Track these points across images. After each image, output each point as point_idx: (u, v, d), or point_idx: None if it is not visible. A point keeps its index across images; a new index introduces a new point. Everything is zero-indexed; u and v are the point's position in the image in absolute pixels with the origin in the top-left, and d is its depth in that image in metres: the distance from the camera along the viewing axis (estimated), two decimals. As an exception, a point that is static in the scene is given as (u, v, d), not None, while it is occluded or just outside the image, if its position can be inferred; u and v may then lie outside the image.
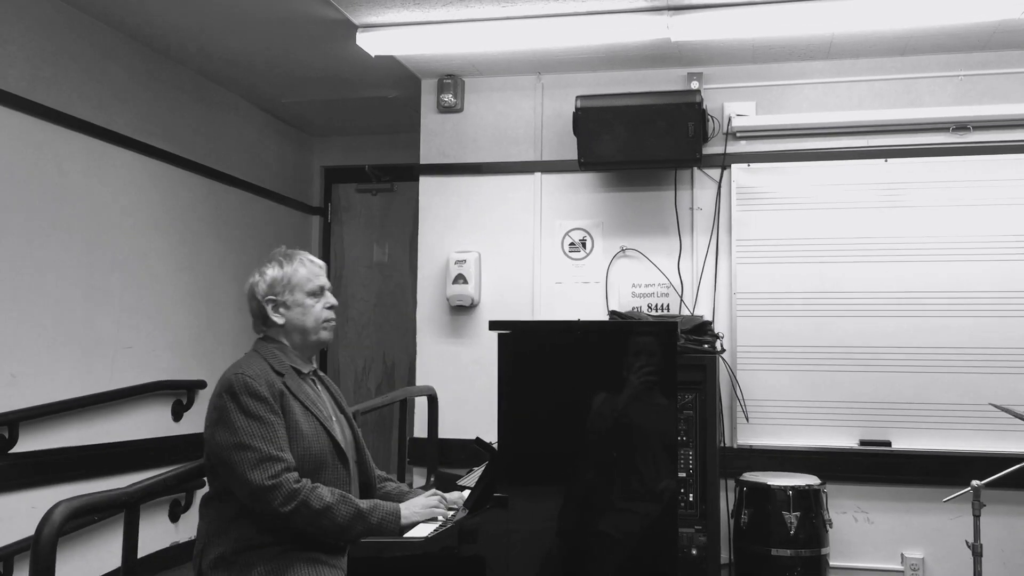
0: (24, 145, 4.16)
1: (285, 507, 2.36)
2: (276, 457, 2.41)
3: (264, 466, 2.38)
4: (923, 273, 4.44)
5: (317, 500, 2.40)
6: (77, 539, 4.35)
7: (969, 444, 4.32)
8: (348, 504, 2.44)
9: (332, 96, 5.82)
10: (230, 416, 2.44)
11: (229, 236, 5.72)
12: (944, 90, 4.57)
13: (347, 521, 2.42)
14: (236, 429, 2.42)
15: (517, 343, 2.32)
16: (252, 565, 2.41)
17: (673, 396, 2.36)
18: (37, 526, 2.04)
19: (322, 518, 2.39)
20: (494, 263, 4.97)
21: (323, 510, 2.39)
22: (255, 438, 2.41)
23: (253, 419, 2.43)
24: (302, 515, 2.38)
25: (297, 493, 2.38)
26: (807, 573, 4.06)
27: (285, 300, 2.64)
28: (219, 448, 2.43)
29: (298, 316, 2.64)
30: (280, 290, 2.64)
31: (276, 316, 2.64)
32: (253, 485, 2.37)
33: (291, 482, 2.39)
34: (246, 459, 2.39)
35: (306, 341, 2.67)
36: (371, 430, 6.58)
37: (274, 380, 2.52)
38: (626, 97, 4.58)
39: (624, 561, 2.27)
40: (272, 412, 2.46)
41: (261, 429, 2.43)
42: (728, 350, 4.56)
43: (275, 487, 2.37)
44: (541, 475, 2.32)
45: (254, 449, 2.40)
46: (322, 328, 2.68)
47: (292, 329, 2.65)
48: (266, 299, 2.65)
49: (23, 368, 4.12)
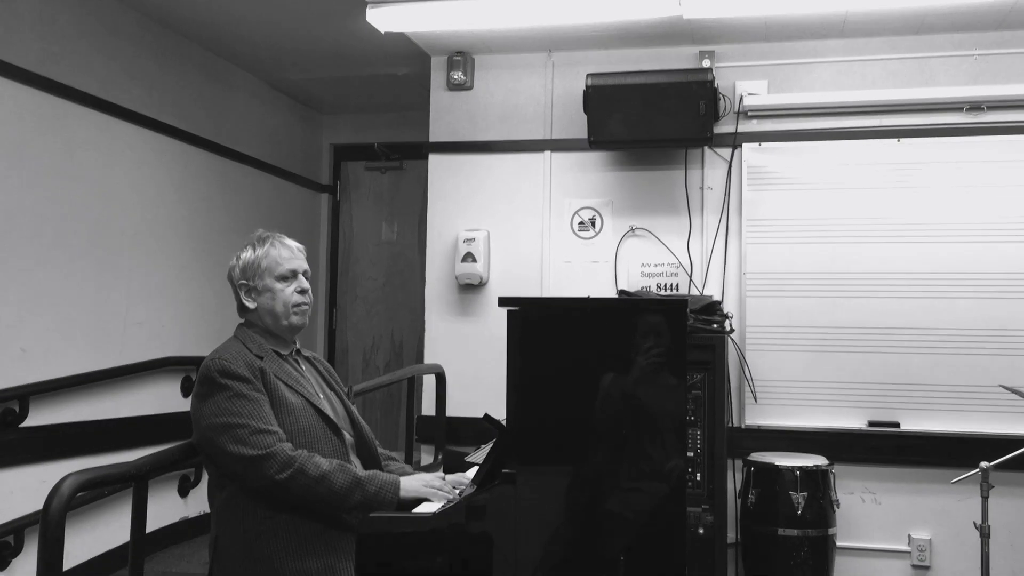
0: (34, 119, 4.15)
1: (281, 474, 2.34)
2: (266, 430, 2.39)
3: (255, 439, 2.36)
4: (934, 254, 4.41)
5: (314, 468, 2.36)
6: (86, 514, 4.38)
7: (978, 426, 4.30)
8: (345, 472, 2.40)
9: (341, 73, 5.80)
10: (213, 400, 2.43)
11: (238, 213, 5.71)
12: (958, 69, 4.52)
13: (344, 489, 2.37)
14: (221, 411, 2.40)
15: (526, 320, 2.31)
16: (264, 547, 2.40)
17: (682, 376, 2.34)
18: (46, 498, 2.05)
19: (319, 486, 2.35)
20: (503, 242, 4.96)
21: (320, 477, 2.35)
22: (241, 416, 2.39)
23: (237, 398, 2.41)
24: (298, 483, 2.34)
25: (293, 460, 2.35)
26: (814, 553, 4.06)
27: (255, 285, 2.61)
28: (208, 432, 2.42)
29: (267, 301, 2.60)
30: (251, 274, 2.62)
31: (248, 301, 2.63)
32: (246, 458, 2.35)
33: (286, 451, 2.37)
34: (236, 436, 2.37)
35: (278, 325, 2.62)
36: (379, 408, 6.60)
37: (253, 360, 2.50)
38: (637, 75, 4.55)
39: (632, 540, 2.27)
40: (255, 390, 2.45)
41: (246, 406, 2.41)
42: (737, 330, 4.55)
43: (269, 455, 2.34)
44: (550, 453, 2.31)
45: (243, 426, 2.38)
46: (292, 313, 2.62)
47: (263, 313, 2.61)
48: (239, 283, 2.63)
49: (33, 343, 4.13)
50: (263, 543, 2.41)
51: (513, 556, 2.25)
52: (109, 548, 4.51)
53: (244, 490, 2.43)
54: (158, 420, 4.88)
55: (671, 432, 2.32)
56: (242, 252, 2.66)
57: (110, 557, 4.51)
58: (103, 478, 2.32)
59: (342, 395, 2.80)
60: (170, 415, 4.97)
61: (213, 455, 2.45)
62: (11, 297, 4.02)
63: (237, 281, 2.64)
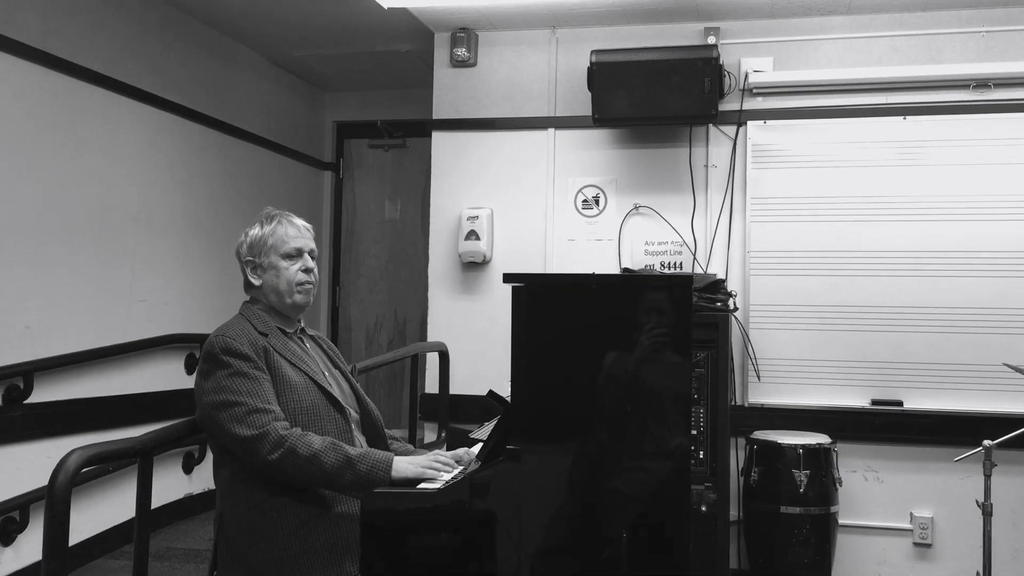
0: (37, 95, 4.14)
1: (272, 455, 2.34)
2: (263, 409, 2.39)
3: (250, 419, 2.36)
4: (939, 232, 4.40)
5: (305, 447, 2.35)
6: (92, 490, 4.40)
7: (982, 404, 4.31)
8: (337, 451, 2.38)
9: (344, 50, 5.77)
10: (214, 377, 2.43)
11: (241, 190, 5.71)
12: (965, 46, 4.49)
13: (335, 469, 2.36)
14: (221, 388, 2.41)
15: (531, 296, 2.30)
16: (267, 525, 2.41)
17: (687, 353, 2.33)
18: (52, 473, 2.05)
19: (309, 465, 2.34)
20: (506, 220, 4.95)
21: (310, 457, 2.34)
22: (240, 394, 2.40)
23: (237, 376, 2.42)
24: (290, 462, 2.34)
25: (284, 440, 2.35)
26: (816, 531, 4.08)
27: (261, 262, 2.62)
28: (208, 409, 2.43)
29: (272, 279, 2.61)
30: (257, 251, 2.63)
31: (253, 278, 2.64)
32: (240, 438, 2.36)
33: (278, 430, 2.36)
34: (233, 415, 2.38)
35: (282, 303, 2.63)
36: (382, 386, 6.61)
37: (257, 339, 2.51)
38: (641, 52, 4.53)
39: (635, 518, 2.27)
40: (256, 368, 2.45)
41: (246, 384, 2.42)
42: (741, 309, 4.54)
43: (262, 436, 2.34)
44: (554, 430, 2.31)
45: (240, 404, 2.38)
46: (296, 292, 2.62)
47: (268, 291, 2.62)
48: (245, 260, 2.64)
49: (37, 320, 4.14)
50: (267, 521, 2.42)
51: (517, 533, 2.25)
52: (114, 524, 4.54)
53: (246, 469, 2.44)
54: (162, 397, 4.90)
55: (675, 410, 2.31)
56: (250, 229, 2.67)
57: (115, 533, 4.54)
58: (108, 453, 2.32)
59: (347, 373, 2.80)
60: (174, 392, 4.98)
61: (213, 432, 2.46)
62: (15, 274, 4.03)
63: (244, 257, 2.65)
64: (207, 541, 4.64)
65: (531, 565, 2.25)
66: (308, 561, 2.39)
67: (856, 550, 4.42)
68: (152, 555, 3.13)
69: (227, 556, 2.48)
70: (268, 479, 2.41)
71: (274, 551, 2.40)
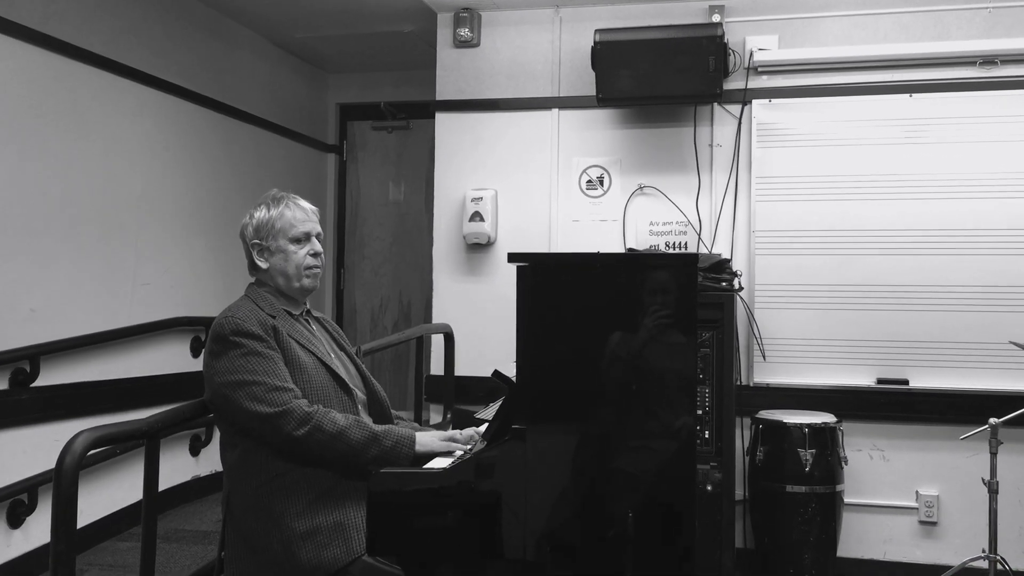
0: (39, 78, 4.13)
1: (299, 430, 2.36)
2: (282, 387, 2.41)
3: (272, 396, 2.38)
4: (946, 211, 4.38)
5: (330, 424, 2.39)
6: (99, 473, 4.42)
7: (987, 382, 4.30)
8: (362, 428, 2.43)
9: (347, 31, 5.74)
10: (227, 358, 2.43)
11: (244, 173, 5.70)
12: (972, 23, 4.46)
13: (361, 444, 2.41)
14: (236, 369, 2.41)
15: (536, 275, 2.30)
16: (275, 504, 2.42)
17: (692, 333, 2.33)
18: (59, 455, 2.05)
19: (336, 441, 2.39)
20: (511, 201, 4.93)
21: (337, 433, 2.39)
22: (256, 373, 2.41)
23: (251, 355, 2.42)
24: (316, 439, 2.37)
25: (310, 417, 2.38)
26: (821, 510, 4.09)
27: (269, 245, 2.62)
28: (223, 389, 2.43)
29: (280, 262, 2.61)
30: (264, 234, 2.62)
31: (260, 261, 2.63)
32: (263, 416, 2.37)
33: (303, 406, 2.40)
34: (251, 394, 2.38)
35: (289, 287, 2.63)
36: (388, 368, 6.62)
37: (265, 319, 2.51)
38: (646, 31, 4.50)
39: (641, 497, 2.28)
40: (269, 347, 2.46)
41: (261, 364, 2.42)
42: (746, 288, 4.54)
43: (286, 412, 2.37)
44: (559, 409, 2.31)
45: (258, 384, 2.39)
46: (304, 276, 2.63)
47: (276, 274, 2.62)
48: (252, 243, 2.63)
49: (42, 303, 4.14)
50: (275, 500, 2.43)
51: (522, 512, 2.26)
52: (122, 506, 4.56)
53: (260, 447, 2.44)
54: (168, 380, 4.91)
55: (680, 390, 2.31)
56: (256, 211, 2.66)
57: (123, 515, 4.56)
58: (115, 435, 2.32)
59: (352, 355, 2.81)
60: (180, 375, 5.00)
61: (228, 412, 2.46)
62: (20, 257, 4.03)
63: (250, 240, 2.64)
64: (215, 523, 4.66)
65: (537, 544, 2.26)
66: (316, 540, 2.40)
67: (862, 528, 4.42)
68: (160, 537, 3.14)
69: (235, 536, 2.50)
70: (280, 457, 2.43)
71: (282, 530, 2.41)
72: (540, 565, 2.26)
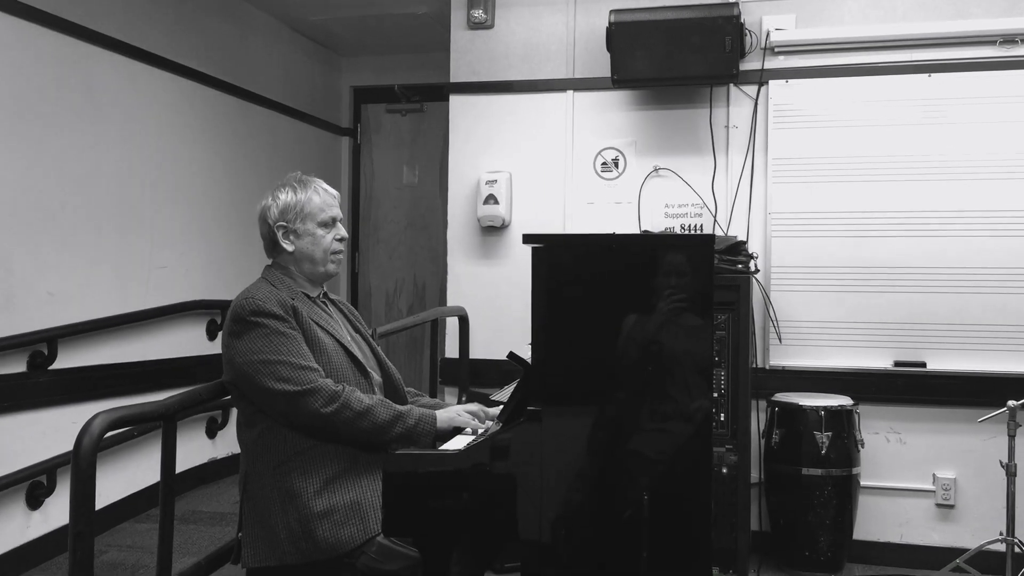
0: (55, 62, 4.13)
1: (327, 408, 2.40)
2: (307, 367, 2.44)
3: (298, 375, 2.41)
4: (964, 192, 4.33)
5: (357, 402, 2.45)
6: (117, 455, 4.46)
7: (1005, 365, 4.26)
8: (387, 407, 2.50)
9: (361, 13, 5.73)
10: (248, 338, 2.45)
11: (259, 156, 5.70)
12: (991, 1, 4.39)
13: (386, 422, 2.47)
14: (258, 349, 2.43)
15: (551, 257, 2.29)
16: (293, 484, 2.44)
17: (708, 316, 2.32)
18: (77, 437, 2.07)
19: (362, 419, 2.44)
20: (525, 183, 4.92)
21: (364, 411, 2.44)
22: (280, 352, 2.43)
23: (273, 335, 2.45)
24: (343, 417, 2.42)
25: (337, 395, 2.43)
26: (838, 492, 4.08)
27: (296, 228, 2.62)
28: (246, 369, 2.44)
29: (307, 246, 2.62)
30: (292, 217, 2.62)
31: (286, 243, 2.63)
32: (289, 394, 2.40)
33: (330, 385, 2.44)
34: (276, 373, 2.41)
35: (314, 271, 2.66)
36: (402, 351, 6.64)
37: (285, 300, 2.53)
38: (661, 11, 4.46)
39: (656, 480, 2.27)
40: (291, 327, 2.48)
41: (285, 343, 2.45)
42: (762, 271, 4.51)
43: (314, 390, 2.41)
44: (574, 392, 2.31)
45: (283, 363, 2.42)
46: (330, 260, 2.66)
47: (301, 258, 2.63)
48: (277, 225, 2.63)
49: (60, 287, 4.16)
50: (292, 480, 2.45)
51: (538, 495, 2.26)
52: (140, 488, 4.59)
53: (278, 427, 2.47)
54: (184, 363, 4.93)
55: (696, 373, 2.30)
56: (280, 192, 2.65)
57: (141, 496, 4.60)
58: (133, 416, 2.34)
59: (368, 338, 2.82)
60: (196, 358, 5.02)
61: (250, 392, 2.48)
62: (37, 240, 4.05)
63: (275, 222, 2.63)
64: (232, 504, 4.70)
65: (552, 526, 2.26)
66: (332, 519, 2.42)
67: (878, 512, 4.41)
68: (178, 518, 3.16)
69: (252, 517, 2.51)
70: (298, 436, 2.45)
71: (299, 509, 2.43)
72: (555, 547, 2.26)
